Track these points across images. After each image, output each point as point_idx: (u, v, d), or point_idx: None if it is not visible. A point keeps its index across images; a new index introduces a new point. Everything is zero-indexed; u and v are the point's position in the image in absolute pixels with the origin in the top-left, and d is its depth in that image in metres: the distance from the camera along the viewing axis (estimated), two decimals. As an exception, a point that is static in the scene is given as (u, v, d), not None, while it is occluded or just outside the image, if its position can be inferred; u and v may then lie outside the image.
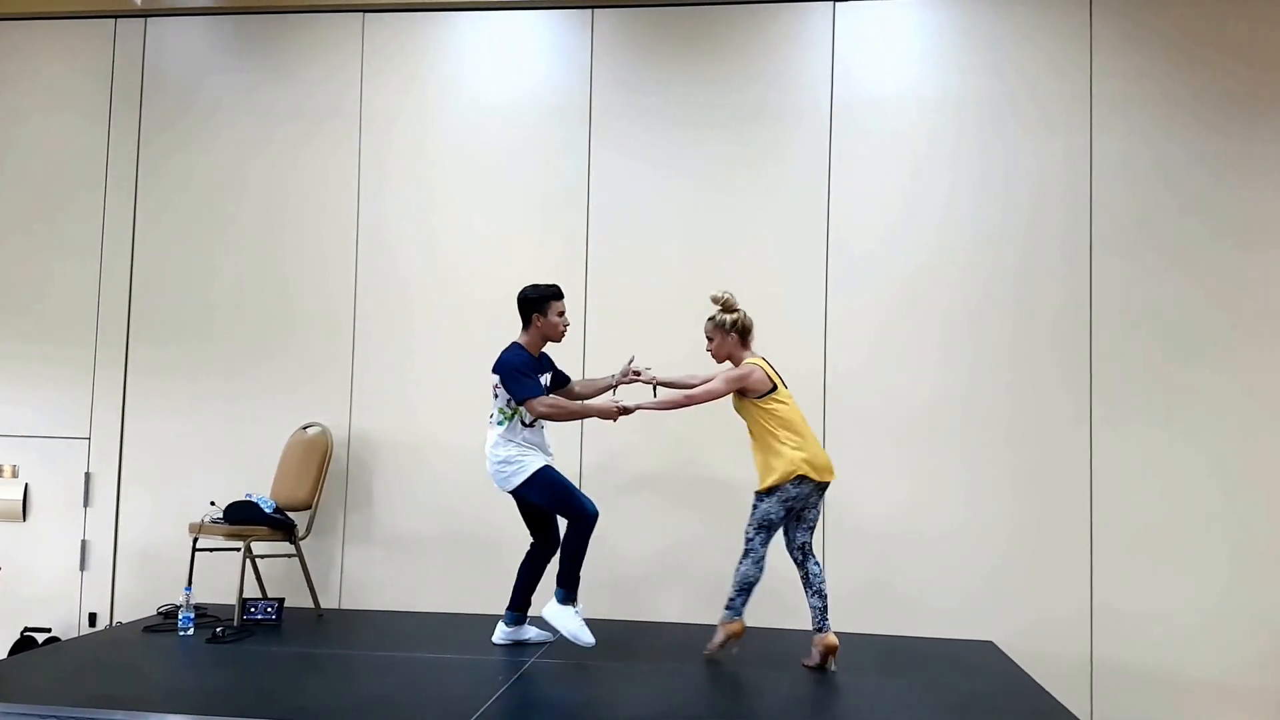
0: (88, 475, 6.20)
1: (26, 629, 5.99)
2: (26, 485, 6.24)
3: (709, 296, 4.75)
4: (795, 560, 4.69)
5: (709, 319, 4.76)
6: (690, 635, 4.97)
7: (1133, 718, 5.35)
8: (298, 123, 6.22)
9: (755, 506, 4.64)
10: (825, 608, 4.60)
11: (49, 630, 6.01)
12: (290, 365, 6.10)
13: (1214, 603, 5.38)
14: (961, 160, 5.72)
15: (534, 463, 4.69)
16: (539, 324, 4.80)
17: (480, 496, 5.81)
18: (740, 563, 4.63)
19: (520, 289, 4.85)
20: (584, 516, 4.65)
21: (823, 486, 4.65)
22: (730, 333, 4.71)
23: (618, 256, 5.89)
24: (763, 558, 4.62)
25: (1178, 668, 5.37)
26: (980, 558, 5.53)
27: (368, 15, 6.21)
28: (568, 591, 4.66)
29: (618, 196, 5.95)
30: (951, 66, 5.79)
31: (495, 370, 4.74)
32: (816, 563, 4.68)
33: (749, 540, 4.62)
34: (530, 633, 4.96)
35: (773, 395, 4.63)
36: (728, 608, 4.65)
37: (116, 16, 6.39)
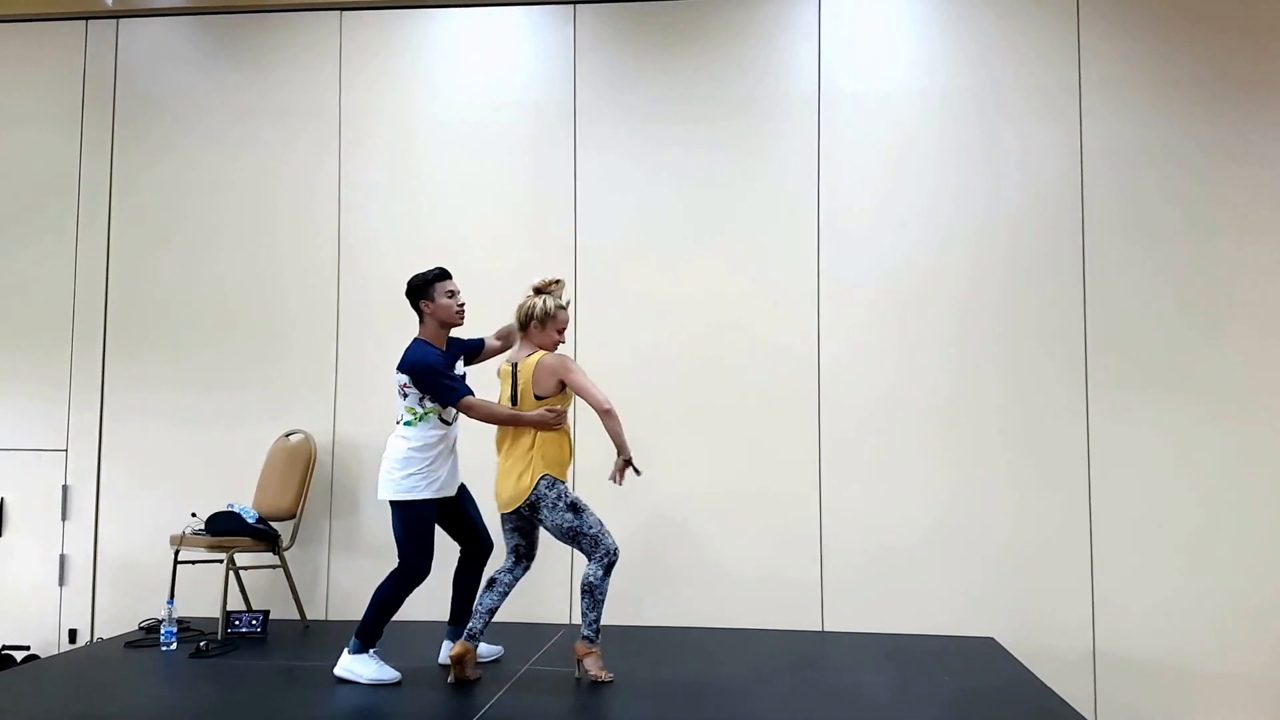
0: (65, 488, 6.08)
1: (4, 647, 5.86)
2: (2, 499, 6.11)
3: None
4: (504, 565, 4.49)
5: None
6: (687, 639, 4.89)
7: (1136, 711, 5.31)
8: (276, 124, 6.12)
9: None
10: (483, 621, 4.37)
11: (28, 648, 5.88)
12: (272, 371, 6.00)
13: (1217, 594, 5.34)
14: (951, 150, 5.68)
15: (424, 489, 4.39)
16: (429, 310, 4.53)
17: (469, 502, 5.73)
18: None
19: (410, 278, 4.61)
20: (416, 569, 4.39)
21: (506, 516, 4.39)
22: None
23: (606, 252, 5.82)
24: (609, 553, 4.26)
25: (1181, 660, 5.32)
26: (980, 553, 5.48)
27: (345, 13, 6.12)
28: (363, 643, 4.36)
29: (604, 192, 5.88)
30: (938, 56, 5.74)
31: (404, 370, 4.42)
32: (511, 576, 4.46)
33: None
34: (481, 649, 4.63)
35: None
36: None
37: (88, 18, 6.27)
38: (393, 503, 4.44)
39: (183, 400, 6.03)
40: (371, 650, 4.38)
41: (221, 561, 5.25)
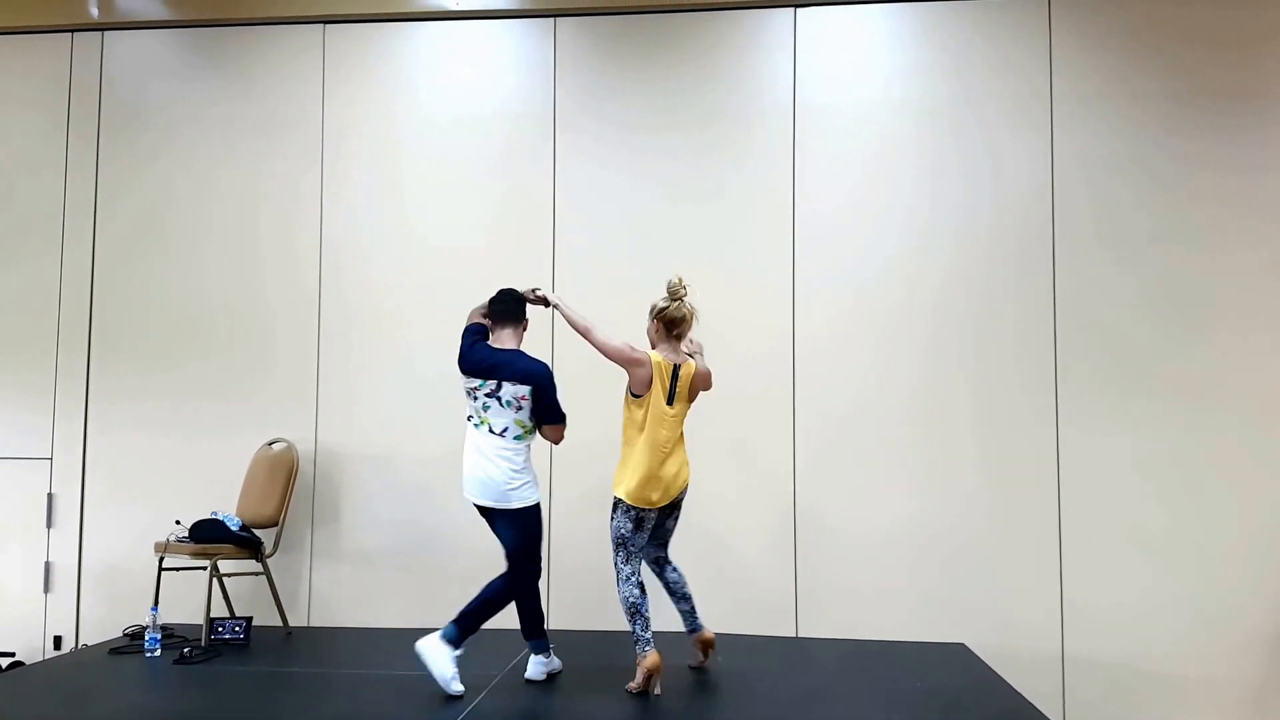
0: (50, 496, 6.12)
1: (-10, 654, 5.90)
2: (-12, 507, 6.14)
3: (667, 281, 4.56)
4: (654, 571, 4.59)
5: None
6: (661, 644, 4.93)
7: (1104, 713, 5.39)
8: (260, 135, 6.17)
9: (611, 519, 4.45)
10: (693, 609, 4.60)
11: (13, 654, 5.92)
12: (255, 381, 6.05)
13: (1183, 597, 5.43)
14: (925, 160, 5.76)
15: (538, 494, 4.47)
16: (525, 327, 4.63)
17: (450, 510, 5.79)
18: (618, 590, 4.37)
19: (508, 288, 4.68)
20: (531, 572, 4.45)
21: (664, 507, 4.43)
22: (655, 319, 4.48)
23: (585, 262, 5.88)
24: (631, 576, 4.34)
25: (1148, 663, 5.41)
26: (949, 559, 5.56)
27: (329, 26, 6.17)
28: (460, 631, 4.34)
29: (584, 202, 5.94)
30: (912, 69, 5.83)
31: (531, 383, 4.38)
32: (674, 569, 4.60)
33: (615, 565, 4.38)
34: (556, 663, 4.69)
35: (640, 401, 4.38)
36: (635, 642, 4.31)
37: (73, 30, 6.32)
38: (507, 512, 4.40)
39: (166, 408, 6.08)
40: (457, 652, 4.32)
41: (205, 568, 5.29)
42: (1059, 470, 5.56)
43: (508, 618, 4.74)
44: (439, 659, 4.28)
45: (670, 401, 4.40)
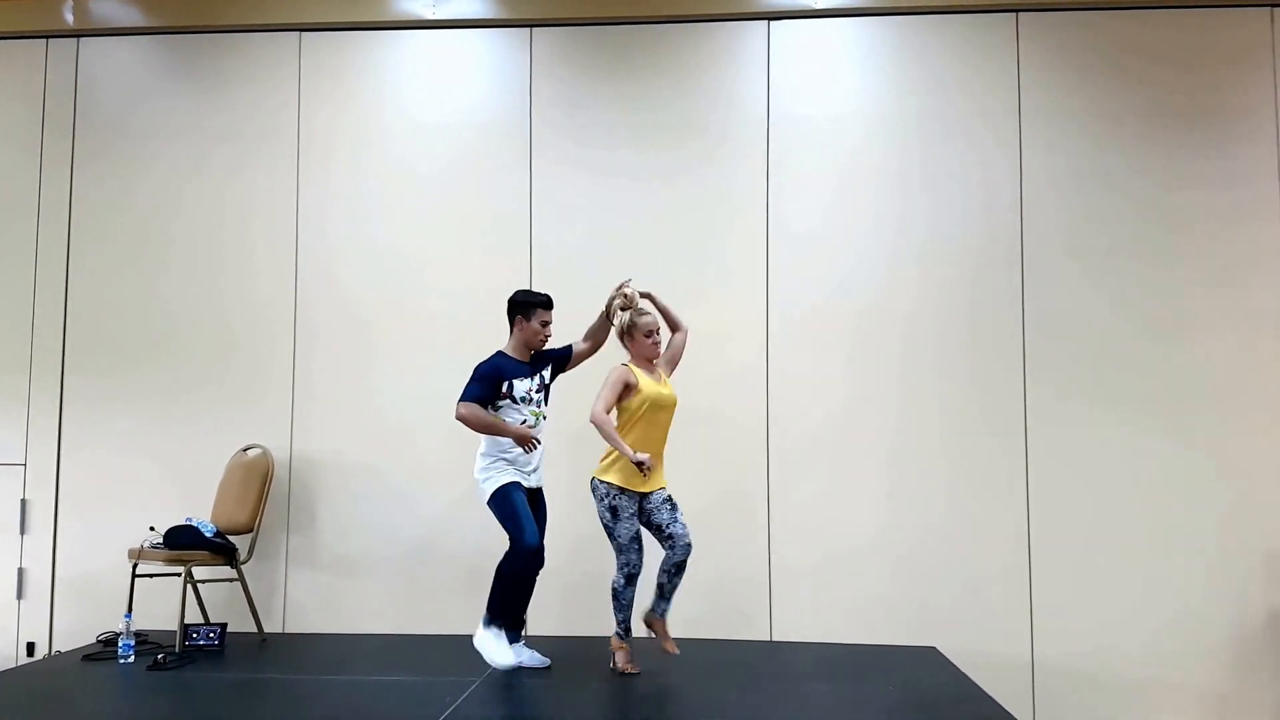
0: (23, 502, 6.09)
1: (-39, 661, 5.86)
2: (-41, 514, 6.11)
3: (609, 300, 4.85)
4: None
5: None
6: (636, 648, 4.97)
7: (1073, 717, 5.46)
8: (235, 143, 6.17)
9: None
10: (664, 599, 4.71)
11: (-15, 661, 5.89)
12: (230, 387, 6.04)
13: (1150, 603, 5.51)
14: (896, 174, 5.83)
15: (500, 478, 4.69)
16: (520, 327, 4.80)
17: (424, 516, 5.81)
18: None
19: (515, 291, 4.90)
20: (520, 547, 4.60)
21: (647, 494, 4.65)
22: (641, 336, 4.72)
23: (560, 271, 5.89)
24: (625, 564, 4.59)
25: (1116, 667, 5.48)
26: (921, 565, 5.62)
27: (304, 34, 6.18)
28: (490, 617, 4.63)
29: (560, 212, 5.98)
30: (883, 83, 5.90)
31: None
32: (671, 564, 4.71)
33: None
34: (524, 655, 4.83)
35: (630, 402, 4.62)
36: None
37: (48, 37, 6.30)
38: (488, 501, 4.74)
39: (141, 415, 6.06)
40: (497, 630, 4.62)
41: (179, 575, 5.29)
42: (1028, 478, 5.64)
43: (478, 624, 4.76)
44: (484, 643, 4.62)
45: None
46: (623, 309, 4.76)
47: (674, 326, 4.89)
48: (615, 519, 4.59)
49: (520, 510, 4.65)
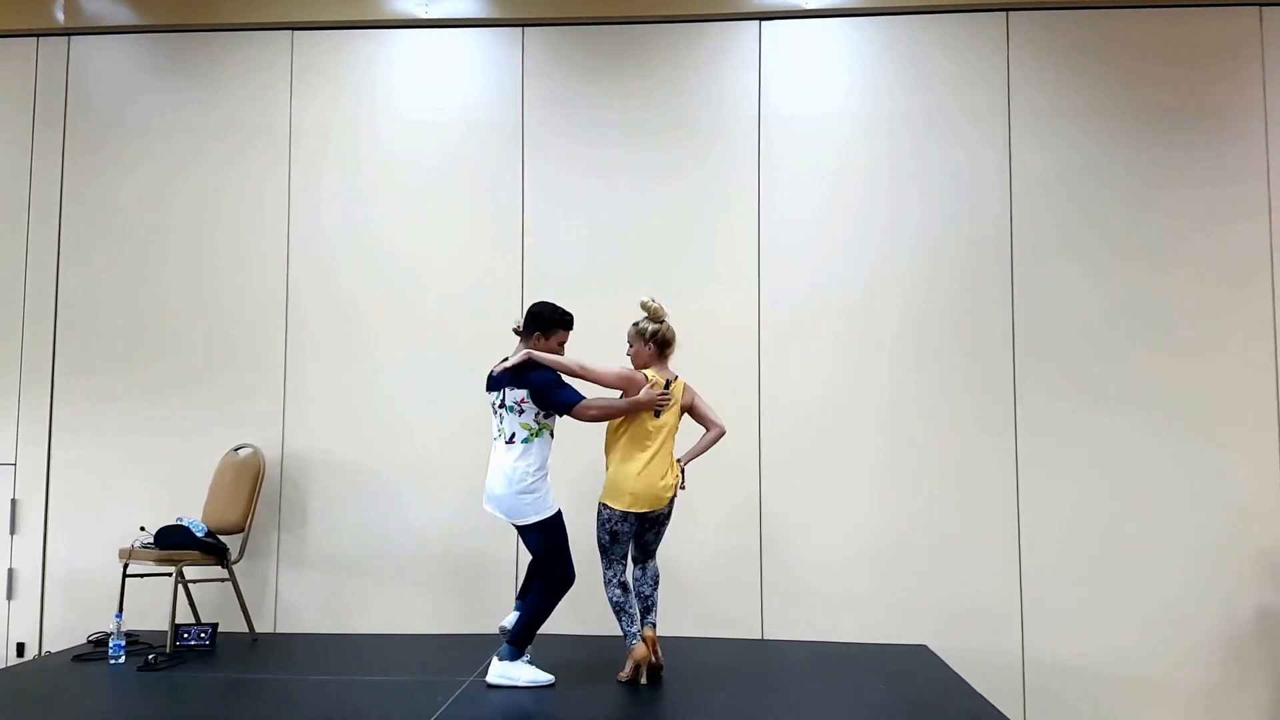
0: (14, 502, 6.07)
1: (-49, 661, 5.85)
2: (-51, 514, 6.09)
3: (639, 302, 4.70)
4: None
5: (633, 324, 4.71)
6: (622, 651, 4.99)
7: (1063, 714, 5.48)
8: (227, 141, 6.16)
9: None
10: (649, 610, 4.68)
11: (-25, 662, 5.88)
12: (221, 387, 6.03)
13: (1140, 601, 5.53)
14: (886, 172, 5.85)
15: (553, 502, 4.51)
16: (539, 343, 4.59)
17: (416, 514, 5.81)
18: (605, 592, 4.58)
19: (541, 302, 4.69)
20: (565, 579, 4.50)
21: (644, 515, 4.56)
22: (649, 342, 4.65)
23: (552, 270, 5.91)
24: (613, 579, 4.54)
25: (1108, 664, 5.50)
26: (912, 563, 5.63)
27: (296, 33, 6.18)
28: (518, 650, 4.52)
29: (552, 210, 5.98)
30: (874, 82, 5.92)
31: (524, 385, 4.45)
32: (643, 573, 4.71)
33: (602, 569, 4.58)
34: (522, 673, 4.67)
35: (638, 416, 4.55)
36: (624, 636, 4.55)
37: (39, 35, 6.29)
38: (524, 527, 4.50)
39: (131, 414, 6.05)
40: (525, 657, 4.53)
41: (170, 575, 5.28)
42: (1018, 476, 5.65)
43: (470, 623, 4.78)
44: (517, 673, 4.48)
45: (657, 414, 4.57)
46: (655, 319, 4.68)
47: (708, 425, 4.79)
48: (614, 542, 4.54)
49: (566, 539, 4.55)
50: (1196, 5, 5.81)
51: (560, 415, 4.53)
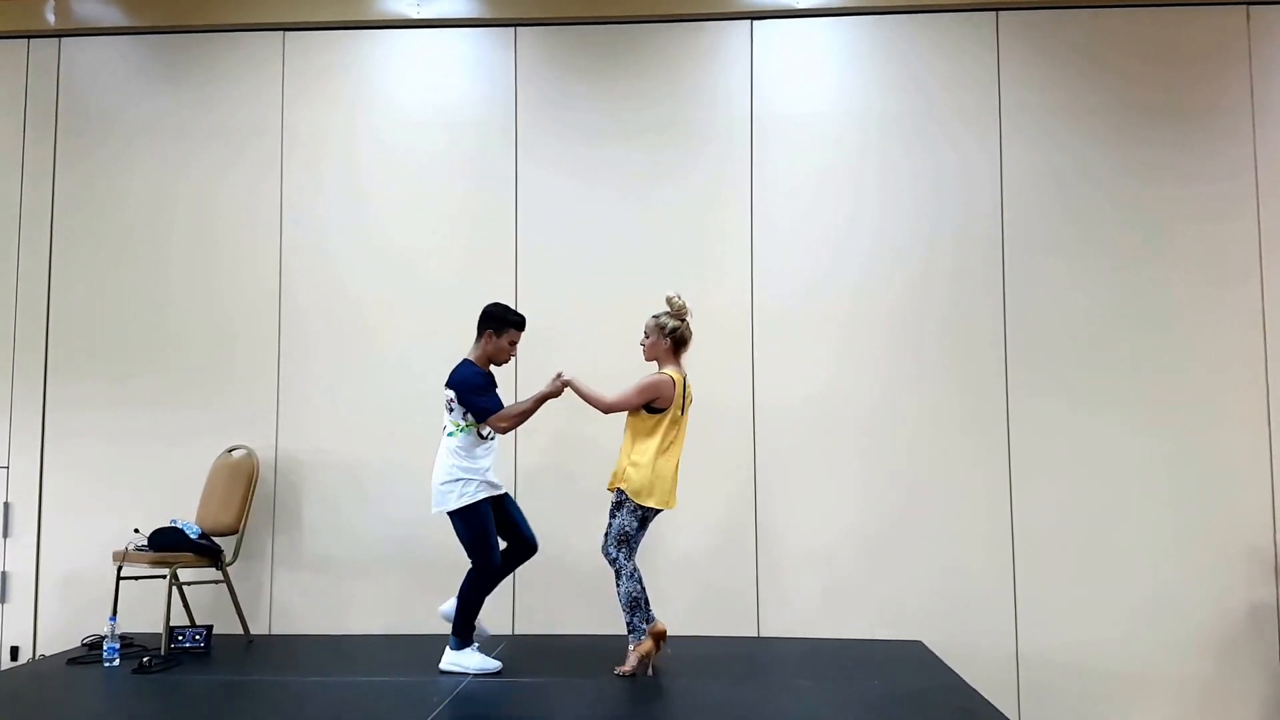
0: (7, 504, 6.06)
1: (-56, 665, 5.83)
2: (-58, 517, 6.07)
3: (665, 296, 4.81)
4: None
5: (653, 315, 4.80)
6: (624, 646, 4.99)
7: (1056, 709, 5.50)
8: (218, 143, 6.15)
9: (613, 518, 4.70)
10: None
11: (-32, 666, 5.86)
12: (214, 388, 6.02)
13: (1133, 596, 5.56)
14: (877, 171, 5.87)
15: (475, 492, 4.70)
16: (489, 341, 4.82)
17: (410, 516, 5.79)
18: (617, 585, 4.63)
19: (495, 302, 4.91)
20: (489, 569, 4.71)
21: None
22: (666, 337, 4.76)
23: (547, 268, 5.92)
24: (635, 571, 4.62)
25: (1101, 659, 5.53)
26: (907, 559, 5.65)
27: (288, 34, 6.17)
28: (462, 641, 4.74)
29: (545, 210, 5.98)
30: (866, 81, 5.94)
31: (450, 386, 4.75)
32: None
33: (614, 561, 4.65)
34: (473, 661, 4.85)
35: (662, 416, 4.68)
36: (631, 631, 4.63)
37: (30, 37, 6.26)
38: (452, 513, 4.73)
39: (125, 416, 6.03)
40: (472, 645, 4.76)
41: (164, 577, 5.27)
42: (1011, 472, 5.67)
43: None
44: (465, 661, 4.71)
45: (683, 411, 4.75)
46: (677, 315, 4.79)
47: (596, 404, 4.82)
48: (641, 529, 4.69)
49: (491, 530, 4.74)
50: (1185, 4, 5.85)
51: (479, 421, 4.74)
